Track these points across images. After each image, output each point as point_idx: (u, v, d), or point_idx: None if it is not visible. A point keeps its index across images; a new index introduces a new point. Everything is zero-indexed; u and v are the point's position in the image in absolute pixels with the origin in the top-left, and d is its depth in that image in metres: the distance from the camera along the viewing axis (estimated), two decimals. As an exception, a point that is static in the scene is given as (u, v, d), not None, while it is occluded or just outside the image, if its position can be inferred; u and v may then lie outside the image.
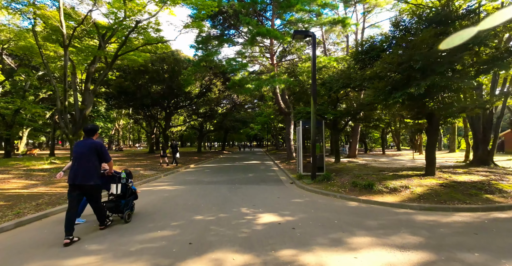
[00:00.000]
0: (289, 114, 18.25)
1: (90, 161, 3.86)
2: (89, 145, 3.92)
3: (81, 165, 3.81)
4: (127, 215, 4.50)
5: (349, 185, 7.73)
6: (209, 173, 12.01)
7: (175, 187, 8.29)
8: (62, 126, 12.01)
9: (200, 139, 33.73)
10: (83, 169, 3.80)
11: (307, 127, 10.10)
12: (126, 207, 4.52)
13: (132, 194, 4.75)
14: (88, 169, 3.82)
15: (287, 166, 15.18)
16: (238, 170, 13.25)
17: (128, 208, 4.58)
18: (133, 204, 4.87)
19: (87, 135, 4.08)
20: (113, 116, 46.83)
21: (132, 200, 4.78)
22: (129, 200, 4.63)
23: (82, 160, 3.83)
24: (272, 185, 8.70)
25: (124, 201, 4.53)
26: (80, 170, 3.79)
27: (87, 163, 3.83)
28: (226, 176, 10.99)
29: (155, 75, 19.27)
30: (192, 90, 22.85)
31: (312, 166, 8.81)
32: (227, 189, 7.85)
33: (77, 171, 3.78)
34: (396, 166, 12.50)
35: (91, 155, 3.88)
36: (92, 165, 3.87)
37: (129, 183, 4.67)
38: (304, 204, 5.91)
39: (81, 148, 3.90)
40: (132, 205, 4.80)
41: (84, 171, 3.79)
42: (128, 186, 4.63)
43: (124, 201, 4.52)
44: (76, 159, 3.86)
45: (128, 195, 4.62)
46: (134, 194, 4.86)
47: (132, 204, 4.80)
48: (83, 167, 3.80)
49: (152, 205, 5.79)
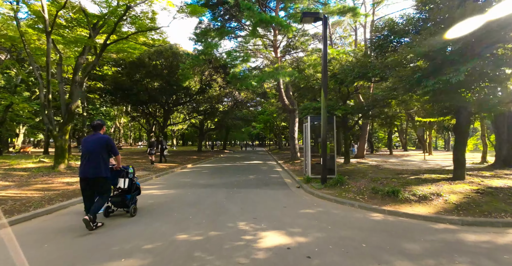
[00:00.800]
0: (294, 112, 17.10)
1: (100, 155, 4.00)
2: (98, 139, 4.07)
3: (92, 159, 3.95)
4: (133, 209, 4.64)
5: (368, 191, 6.58)
6: (207, 174, 10.90)
7: (164, 191, 7.19)
8: (45, 122, 10.95)
9: (201, 137, 32.65)
10: (94, 162, 3.94)
11: (316, 124, 8.96)
12: (131, 202, 4.64)
13: (136, 189, 4.88)
14: (99, 162, 3.96)
15: (291, 166, 14.04)
16: (238, 171, 12.13)
17: (133, 203, 4.71)
18: (137, 199, 4.95)
19: (94, 130, 4.20)
20: (113, 114, 45.98)
21: (136, 195, 4.89)
22: (134, 194, 4.75)
23: (92, 154, 3.97)
24: (276, 189, 7.56)
25: (129, 195, 4.63)
26: (91, 164, 3.94)
27: (98, 157, 3.97)
28: (225, 177, 9.88)
29: (152, 69, 18.17)
30: (191, 86, 21.73)
31: (323, 168, 7.66)
32: (225, 194, 6.73)
33: (88, 165, 3.94)
34: (413, 168, 11.32)
35: (101, 149, 4.02)
36: (102, 159, 4.01)
37: (135, 178, 4.81)
38: (317, 217, 4.77)
39: (91, 143, 4.03)
40: (136, 200, 4.88)
41: (95, 165, 3.94)
42: (134, 181, 4.77)
43: (129, 196, 4.63)
44: (86, 154, 3.98)
45: (133, 190, 4.74)
46: (138, 189, 4.98)
47: (136, 199, 4.89)
48: (94, 161, 3.95)
49: (128, 216, 4.68)
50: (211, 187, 7.70)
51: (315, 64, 13.54)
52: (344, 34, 24.09)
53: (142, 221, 4.39)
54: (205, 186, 7.88)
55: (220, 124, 32.40)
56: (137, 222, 4.33)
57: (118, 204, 4.61)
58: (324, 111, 7.71)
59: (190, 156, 22.21)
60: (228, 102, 31.34)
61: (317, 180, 8.25)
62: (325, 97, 7.64)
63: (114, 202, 4.59)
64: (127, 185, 4.59)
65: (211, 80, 23.04)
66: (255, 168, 13.96)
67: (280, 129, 43.00)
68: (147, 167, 12.72)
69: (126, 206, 4.59)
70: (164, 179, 9.68)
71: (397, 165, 13.05)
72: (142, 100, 20.86)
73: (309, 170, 8.59)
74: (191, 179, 9.37)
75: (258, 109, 43.10)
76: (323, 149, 7.66)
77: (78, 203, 5.76)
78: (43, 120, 11.07)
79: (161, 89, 20.39)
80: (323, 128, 7.65)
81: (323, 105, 7.71)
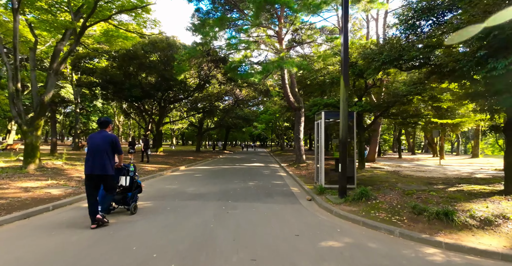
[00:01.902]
0: (299, 110, 15.49)
1: (106, 153, 4.03)
2: (105, 137, 4.10)
3: (98, 156, 3.99)
4: (134, 207, 4.67)
5: (405, 209, 4.96)
6: (199, 179, 9.31)
7: (138, 203, 5.60)
8: (14, 115, 9.40)
9: (199, 137, 31.08)
10: (100, 160, 3.98)
11: (332, 122, 7.35)
12: (132, 199, 4.67)
13: (137, 187, 4.88)
14: (105, 160, 4.01)
15: (296, 170, 12.42)
16: (236, 175, 10.53)
17: (134, 200, 4.72)
18: (138, 197, 4.93)
19: (101, 127, 4.27)
20: (111, 111, 44.53)
21: (137, 193, 4.88)
22: (135, 192, 4.76)
23: (99, 151, 4.00)
24: (282, 202, 5.94)
25: (130, 193, 4.68)
26: (97, 161, 3.98)
27: (104, 154, 4.02)
28: (220, 184, 8.27)
29: (145, 60, 16.61)
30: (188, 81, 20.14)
31: (341, 176, 6.05)
32: (214, 210, 5.12)
33: (94, 162, 3.98)
34: (439, 176, 9.67)
35: (107, 146, 4.05)
36: (108, 157, 4.05)
37: (136, 176, 4.80)
38: (348, 256, 3.16)
39: (97, 140, 4.06)
40: (137, 198, 4.87)
41: (101, 162, 3.98)
42: (135, 179, 4.77)
43: (130, 194, 4.68)
44: (92, 151, 4.01)
45: (134, 188, 4.75)
46: (139, 187, 4.97)
47: (137, 197, 4.87)
48: (100, 158, 3.99)
49: (61, 251, 3.09)
50: (199, 199, 6.10)
51: (325, 55, 11.93)
52: (353, 27, 22.47)
53: (74, 262, 2.78)
54: (192, 197, 6.27)
55: (220, 124, 30.82)
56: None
57: (119, 202, 4.67)
58: (345, 104, 6.11)
59: (187, 156, 20.64)
60: (228, 101, 29.78)
61: (333, 191, 6.64)
62: (346, 85, 6.03)
63: (115, 199, 4.60)
64: (128, 182, 4.66)
65: (210, 76, 21.47)
66: (256, 171, 12.35)
67: (283, 130, 41.36)
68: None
69: (127, 204, 4.65)
70: (147, 184, 8.08)
71: (418, 171, 11.40)
72: (135, 96, 19.29)
73: (322, 177, 6.97)
74: (179, 186, 7.76)
75: (260, 109, 41.54)
76: (342, 152, 6.05)
77: (18, 220, 4.25)
78: (12, 113, 9.52)
79: (156, 84, 18.83)
80: (343, 126, 6.03)
81: (343, 96, 6.10)
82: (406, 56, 5.79)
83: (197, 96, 26.92)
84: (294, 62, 9.96)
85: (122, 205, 4.69)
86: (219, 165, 15.39)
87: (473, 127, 25.90)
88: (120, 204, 4.68)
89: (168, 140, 66.25)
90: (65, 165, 11.62)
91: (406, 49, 5.85)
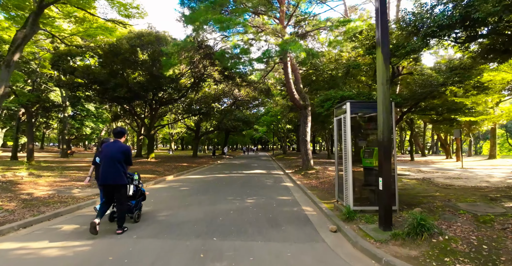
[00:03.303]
0: (305, 108, 13.51)
1: (120, 162, 4.08)
2: (119, 148, 4.14)
3: (111, 165, 4.02)
4: (137, 215, 4.67)
5: (503, 255, 2.94)
6: (183, 196, 7.29)
7: (75, 244, 3.60)
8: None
9: (196, 141, 29.12)
10: (114, 169, 4.01)
11: (361, 116, 5.36)
12: (135, 208, 4.66)
13: (141, 195, 4.89)
14: (119, 169, 4.04)
15: (305, 179, 10.40)
16: (232, 188, 8.52)
17: (138, 209, 4.72)
18: (141, 205, 4.92)
19: (116, 137, 4.30)
20: (106, 116, 42.68)
21: (141, 201, 4.88)
22: (138, 200, 4.76)
23: (113, 161, 4.03)
24: (295, 239, 3.88)
25: (134, 201, 4.67)
26: (111, 170, 4.00)
27: (118, 164, 4.05)
28: (208, 203, 6.26)
29: (129, 55, 14.74)
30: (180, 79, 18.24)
31: (384, 196, 4.02)
32: (186, 262, 3.11)
33: (108, 172, 4.00)
34: (484, 184, 7.62)
35: (120, 157, 4.08)
36: (121, 166, 4.09)
37: (140, 185, 4.83)
38: None
39: (112, 150, 4.10)
40: (141, 206, 4.87)
41: (115, 171, 4.02)
42: (139, 187, 4.78)
43: (134, 202, 4.66)
44: (106, 160, 4.05)
45: (138, 196, 4.75)
46: (143, 195, 4.97)
47: (141, 205, 4.87)
48: (114, 168, 4.01)
49: None
50: (169, 234, 4.06)
51: (336, 42, 9.97)
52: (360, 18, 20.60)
53: None
54: (160, 231, 4.24)
55: (218, 127, 28.86)
56: None
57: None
58: (385, 88, 4.13)
59: (181, 163, 18.65)
60: (227, 102, 27.89)
61: (367, 215, 4.62)
62: (385, 60, 4.05)
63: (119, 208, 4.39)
64: (132, 191, 4.56)
65: (206, 74, 19.57)
66: (257, 182, 10.32)
67: (285, 133, 39.33)
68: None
69: (131, 212, 4.59)
70: (111, 205, 6.10)
71: (451, 178, 9.34)
72: (123, 97, 17.41)
73: (350, 195, 4.91)
74: (151, 207, 5.73)
75: (261, 110, 39.60)
76: (383, 160, 4.06)
77: None
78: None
79: (144, 83, 16.94)
80: (384, 120, 4.05)
81: (383, 76, 4.11)
82: (479, 13, 3.79)
83: (193, 98, 25.06)
84: (301, 46, 8.00)
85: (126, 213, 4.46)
86: (215, 173, 13.38)
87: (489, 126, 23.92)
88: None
89: (168, 145, 64.32)
90: (28, 177, 9.71)
91: (476, 3, 3.85)
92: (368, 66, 8.54)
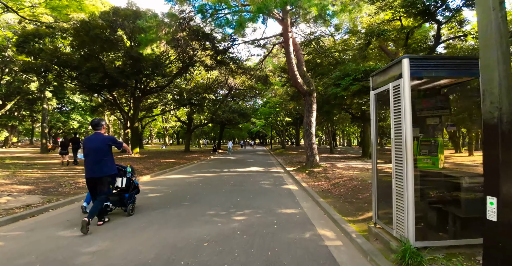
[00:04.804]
0: (310, 94, 11.40)
1: (105, 154, 4.05)
2: (102, 140, 4.09)
3: (97, 158, 3.99)
4: (131, 208, 4.56)
5: None
6: (146, 208, 5.21)
7: None
8: None
9: (189, 134, 26.97)
10: (100, 162, 3.98)
11: (417, 89, 3.26)
12: (129, 201, 4.56)
13: (135, 188, 4.82)
14: (105, 162, 4.02)
15: (311, 180, 8.37)
16: (218, 195, 6.45)
17: (131, 202, 4.62)
18: (135, 198, 4.82)
19: (95, 129, 4.18)
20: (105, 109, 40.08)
21: (135, 194, 4.80)
22: (132, 193, 4.67)
23: (97, 154, 4.00)
24: None
25: (127, 194, 4.58)
26: (96, 163, 3.97)
27: (103, 156, 4.02)
28: (174, 223, 4.16)
29: (100, 32, 12.42)
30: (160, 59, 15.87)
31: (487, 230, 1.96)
32: None
33: (94, 165, 3.97)
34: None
35: (105, 148, 4.05)
36: (107, 158, 4.07)
37: (133, 177, 4.76)
38: None
39: (94, 143, 4.06)
40: (134, 199, 4.78)
41: (101, 165, 3.98)
42: (132, 180, 4.73)
43: (127, 195, 4.57)
44: (90, 153, 4.01)
45: (131, 189, 4.68)
46: (137, 188, 4.91)
47: (134, 198, 4.78)
48: (100, 161, 3.99)
49: None
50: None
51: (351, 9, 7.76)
52: None
53: None
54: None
55: (212, 119, 26.68)
56: None
57: (116, 203, 4.53)
58: (498, 14, 2.03)
59: (168, 159, 16.58)
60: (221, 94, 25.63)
61: (439, 257, 2.58)
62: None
63: (112, 200, 4.42)
64: (125, 184, 4.57)
65: (195, 59, 17.30)
66: (252, 183, 8.26)
67: (284, 126, 37.24)
68: (58, 183, 7.03)
69: (124, 205, 4.52)
70: (30, 226, 4.01)
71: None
72: (99, 84, 15.17)
73: (409, 221, 2.82)
74: (69, 241, 3.67)
75: (259, 102, 37.38)
76: (496, 161, 1.98)
77: None
78: None
79: (123, 68, 14.67)
80: (501, 76, 1.97)
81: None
82: None
83: (185, 88, 22.80)
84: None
85: (119, 206, 4.57)
86: (202, 172, 11.31)
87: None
88: (117, 205, 4.54)
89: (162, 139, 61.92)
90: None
91: None
92: (399, 31, 6.46)
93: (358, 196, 5.75)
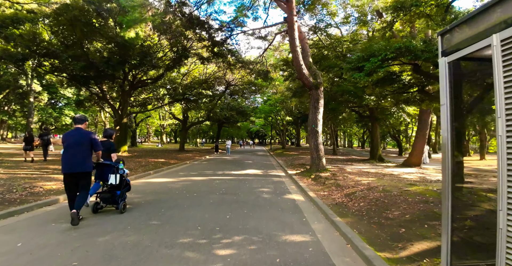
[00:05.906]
0: (317, 88, 10.01)
1: (85, 150, 3.96)
2: (83, 135, 4.02)
3: (76, 153, 3.88)
4: (123, 206, 4.50)
5: None
6: (91, 234, 3.81)
7: None
8: None
9: (184, 132, 25.53)
10: (79, 157, 3.88)
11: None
12: (120, 198, 4.49)
13: (126, 185, 4.72)
14: (84, 157, 3.94)
15: (319, 188, 6.92)
16: (201, 208, 5.00)
17: (123, 199, 4.56)
18: (126, 196, 4.74)
19: (77, 123, 4.10)
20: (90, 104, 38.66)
21: (126, 191, 4.73)
22: (124, 191, 4.60)
23: (78, 148, 3.90)
24: None
25: (119, 192, 4.49)
26: (76, 158, 3.86)
27: (83, 152, 3.94)
28: (123, 263, 2.79)
29: (79, 13, 10.99)
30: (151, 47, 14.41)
31: None
32: None
33: (73, 160, 3.85)
34: None
35: (85, 144, 3.97)
36: (87, 154, 3.99)
37: (125, 174, 4.62)
38: None
39: (75, 137, 3.97)
40: (125, 197, 4.70)
41: (81, 159, 3.89)
42: (124, 177, 4.59)
43: (119, 192, 4.49)
44: (70, 148, 3.90)
45: (123, 186, 4.57)
46: (128, 185, 4.81)
47: (125, 196, 4.71)
48: (80, 156, 3.89)
49: None
50: None
51: None
52: None
53: None
54: None
55: (209, 116, 25.24)
56: None
57: (108, 200, 4.49)
58: None
59: (158, 158, 15.18)
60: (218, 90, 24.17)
61: None
62: None
63: (103, 198, 4.48)
64: (118, 180, 4.42)
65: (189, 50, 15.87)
66: (247, 192, 6.82)
67: (285, 126, 35.81)
68: (10, 186, 5.59)
69: (116, 202, 4.46)
70: None
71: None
72: (83, 76, 13.74)
73: None
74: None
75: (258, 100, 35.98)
76: None
77: None
78: None
79: (110, 56, 13.23)
80: None
81: None
82: None
83: (181, 83, 21.36)
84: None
85: (111, 204, 4.51)
86: (191, 175, 9.87)
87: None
88: (109, 202, 4.50)
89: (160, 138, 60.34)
90: None
91: None
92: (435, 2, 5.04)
93: (387, 215, 4.32)
